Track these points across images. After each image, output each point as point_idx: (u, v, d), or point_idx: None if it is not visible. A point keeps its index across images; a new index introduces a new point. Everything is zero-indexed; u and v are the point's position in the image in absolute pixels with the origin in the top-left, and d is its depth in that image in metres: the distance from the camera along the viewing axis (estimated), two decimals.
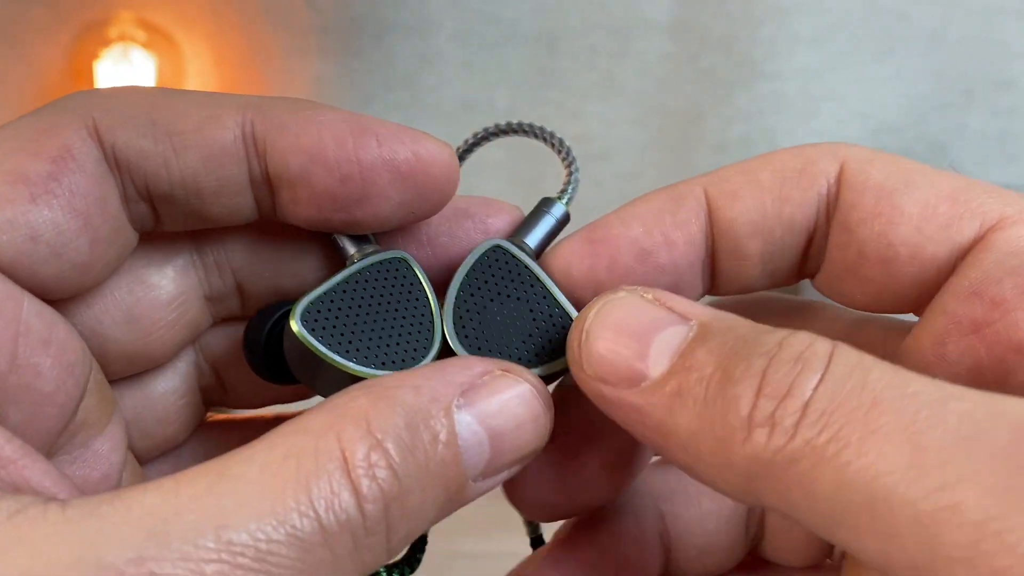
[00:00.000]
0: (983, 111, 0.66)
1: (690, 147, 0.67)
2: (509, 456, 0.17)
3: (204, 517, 0.14)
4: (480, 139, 0.23)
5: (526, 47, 0.66)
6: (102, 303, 0.19)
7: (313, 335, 0.18)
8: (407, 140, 0.19)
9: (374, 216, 0.19)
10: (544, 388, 0.18)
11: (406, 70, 0.65)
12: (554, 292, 0.20)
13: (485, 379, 0.17)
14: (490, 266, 0.20)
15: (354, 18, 0.65)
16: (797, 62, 0.65)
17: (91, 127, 0.18)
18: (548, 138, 0.22)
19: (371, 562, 0.15)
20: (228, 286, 0.21)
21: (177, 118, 0.18)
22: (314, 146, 0.18)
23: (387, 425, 0.15)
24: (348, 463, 0.15)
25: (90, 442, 0.19)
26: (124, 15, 0.63)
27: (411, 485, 0.15)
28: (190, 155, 0.18)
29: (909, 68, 0.65)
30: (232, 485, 0.14)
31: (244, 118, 0.18)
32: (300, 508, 0.14)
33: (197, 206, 0.19)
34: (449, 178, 0.19)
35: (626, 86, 0.66)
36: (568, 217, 0.22)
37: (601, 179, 0.67)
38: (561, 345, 0.19)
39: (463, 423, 0.16)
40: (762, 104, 0.66)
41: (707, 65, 0.66)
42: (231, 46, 0.65)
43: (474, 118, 0.65)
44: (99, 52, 0.62)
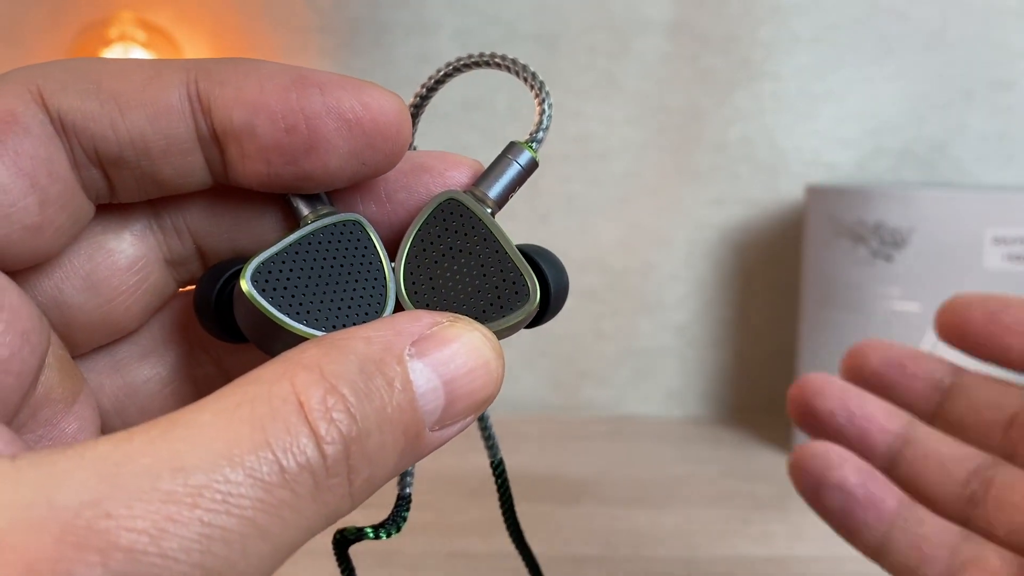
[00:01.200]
0: (983, 111, 0.66)
1: (690, 147, 0.67)
2: (464, 403, 0.17)
3: (158, 460, 0.14)
4: (445, 75, 0.22)
5: (526, 47, 0.66)
6: (61, 271, 0.19)
7: (263, 295, 0.18)
8: (352, 89, 0.19)
9: (324, 168, 0.19)
10: (493, 337, 0.18)
11: (406, 70, 0.65)
12: (507, 248, 0.20)
13: (435, 329, 0.17)
14: (444, 220, 0.20)
15: (354, 18, 0.65)
16: (797, 62, 0.65)
17: (35, 93, 0.18)
18: (520, 71, 0.21)
19: (334, 504, 0.15)
20: (188, 249, 0.21)
21: (121, 80, 0.18)
22: (256, 98, 0.18)
23: (341, 371, 0.15)
24: (304, 407, 0.15)
25: (56, 420, 0.19)
26: (124, 15, 0.63)
27: (369, 427, 0.15)
28: (135, 114, 0.18)
29: (909, 68, 0.65)
30: (185, 431, 0.14)
31: (188, 76, 0.18)
32: (258, 450, 0.14)
33: (148, 168, 0.18)
34: (399, 126, 0.19)
35: (626, 86, 0.66)
36: (535, 164, 0.21)
37: (601, 179, 0.67)
38: (511, 301, 0.19)
39: (416, 370, 0.16)
40: (762, 104, 0.66)
41: (707, 65, 0.66)
42: (231, 46, 0.65)
43: (474, 118, 0.65)
44: (99, 52, 0.62)
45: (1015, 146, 0.66)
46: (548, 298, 0.20)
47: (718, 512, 0.50)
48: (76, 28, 0.64)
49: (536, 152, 0.21)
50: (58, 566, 0.13)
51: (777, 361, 0.69)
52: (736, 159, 0.67)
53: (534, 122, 0.21)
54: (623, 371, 0.69)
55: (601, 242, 0.68)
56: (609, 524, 0.48)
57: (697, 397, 0.70)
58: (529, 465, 0.57)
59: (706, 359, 0.69)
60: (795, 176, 0.66)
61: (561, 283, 0.20)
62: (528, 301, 0.19)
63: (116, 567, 0.13)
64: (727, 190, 0.67)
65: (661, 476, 0.56)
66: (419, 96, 0.22)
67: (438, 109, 0.66)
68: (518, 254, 0.20)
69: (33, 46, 0.65)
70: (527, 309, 0.19)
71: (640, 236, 0.68)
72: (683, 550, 0.45)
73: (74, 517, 0.13)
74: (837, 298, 0.57)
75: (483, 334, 0.18)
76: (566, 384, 0.69)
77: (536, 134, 0.21)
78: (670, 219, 0.68)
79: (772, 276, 0.68)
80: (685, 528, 0.48)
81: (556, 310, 0.21)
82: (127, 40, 0.62)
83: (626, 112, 0.66)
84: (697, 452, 0.61)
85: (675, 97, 0.66)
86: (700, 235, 0.68)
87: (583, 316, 0.68)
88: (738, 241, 0.68)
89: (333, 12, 0.65)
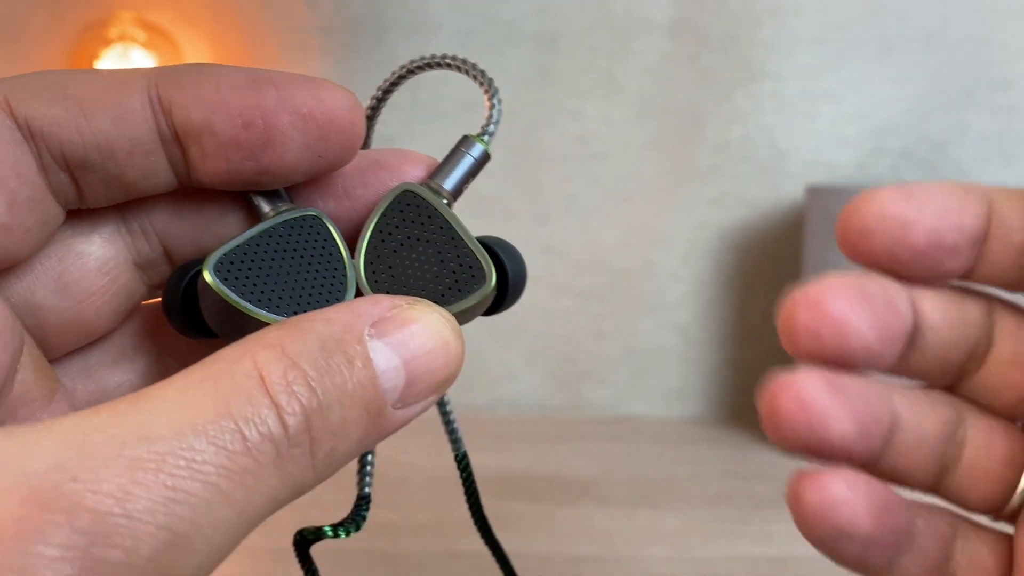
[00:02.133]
0: (983, 111, 0.66)
1: (690, 147, 0.67)
2: (425, 382, 0.18)
3: (125, 429, 0.14)
4: (399, 77, 0.23)
5: (526, 47, 0.66)
6: (33, 274, 0.20)
7: (226, 284, 0.19)
8: (305, 86, 0.19)
9: (281, 161, 0.19)
10: (452, 318, 0.18)
11: None
12: (463, 235, 0.20)
13: (394, 311, 0.17)
14: (401, 211, 0.21)
15: (354, 18, 0.65)
16: (797, 62, 0.65)
17: (2, 102, 0.18)
18: (469, 70, 0.22)
19: (297, 475, 0.16)
20: (156, 252, 0.21)
21: (85, 87, 0.19)
22: (214, 97, 0.19)
23: (302, 349, 0.16)
24: (265, 381, 0.15)
25: (33, 419, 0.19)
26: (124, 15, 0.63)
27: (330, 402, 0.16)
28: (99, 118, 0.19)
29: (909, 68, 0.65)
30: (151, 404, 0.15)
31: (149, 81, 0.19)
32: (220, 420, 0.14)
33: (114, 171, 0.19)
34: (351, 120, 0.20)
35: (626, 86, 0.66)
36: (487, 156, 0.22)
37: (601, 179, 0.67)
38: (468, 285, 0.20)
39: (376, 349, 0.17)
40: (762, 104, 0.66)
41: (707, 65, 0.66)
42: (231, 46, 0.65)
43: (474, 118, 0.65)
44: (99, 52, 0.62)
45: (1015, 146, 0.66)
46: (506, 283, 0.21)
47: (718, 512, 0.50)
48: (76, 28, 0.64)
49: (488, 144, 0.22)
50: (25, 526, 0.13)
51: (777, 361, 0.69)
52: (736, 159, 0.67)
53: (484, 116, 0.22)
54: (623, 371, 0.69)
55: (601, 242, 0.68)
56: (609, 524, 0.48)
57: (697, 397, 0.70)
58: (529, 465, 0.57)
59: (706, 359, 0.69)
60: (795, 176, 0.66)
61: (517, 269, 0.21)
62: (484, 284, 0.20)
63: (82, 526, 0.13)
64: (727, 190, 0.67)
65: (661, 476, 0.56)
66: (375, 99, 0.23)
67: (439, 108, 0.66)
68: (475, 241, 0.20)
69: (33, 46, 0.65)
70: (484, 292, 0.20)
71: (640, 236, 0.68)
72: (683, 550, 0.45)
73: (41, 481, 0.13)
74: None
75: (441, 315, 0.18)
76: (566, 384, 0.69)
77: (487, 127, 0.22)
78: (670, 219, 0.68)
79: (772, 276, 0.68)
80: (685, 528, 0.48)
81: (515, 296, 0.21)
82: (127, 40, 0.62)
83: (626, 112, 0.66)
84: (697, 452, 0.61)
85: (675, 97, 0.66)
86: (700, 235, 0.68)
87: (583, 316, 0.68)
88: (738, 241, 0.68)
89: (333, 12, 0.65)
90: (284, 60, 0.65)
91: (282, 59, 0.65)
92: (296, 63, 0.66)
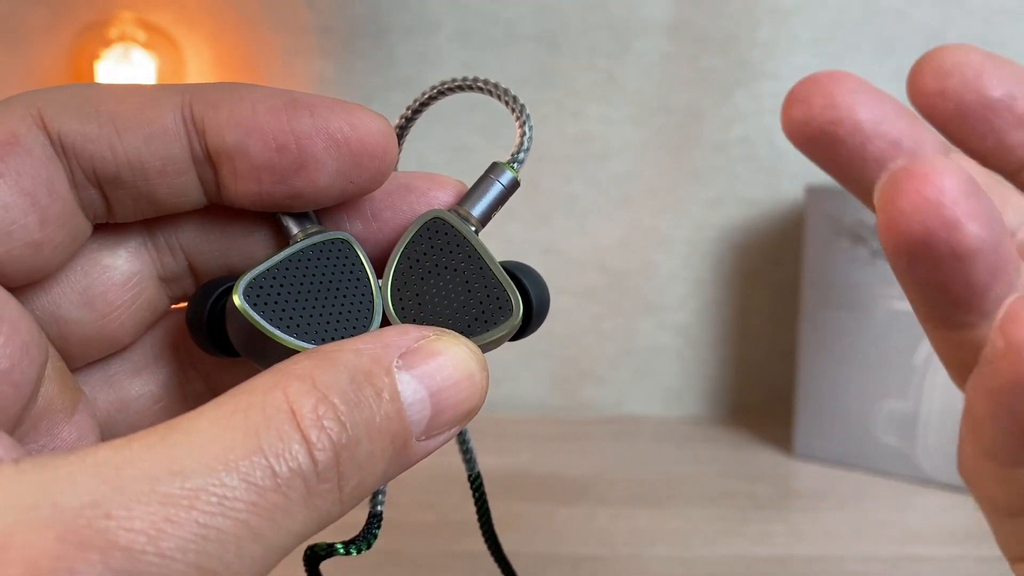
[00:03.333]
0: None
1: (690, 147, 0.67)
2: (449, 413, 0.18)
3: (157, 464, 0.14)
4: (429, 98, 0.23)
5: (526, 47, 0.66)
6: (58, 287, 0.20)
7: (255, 309, 0.19)
8: (340, 111, 0.19)
9: (313, 186, 0.19)
10: (478, 350, 0.18)
11: (406, 70, 0.66)
12: (490, 264, 0.20)
13: (421, 342, 0.18)
14: (429, 238, 0.21)
15: (354, 18, 0.65)
16: (797, 62, 0.66)
17: (36, 116, 0.18)
18: (501, 95, 0.22)
19: (325, 509, 0.16)
20: (181, 267, 0.21)
21: (119, 104, 0.19)
22: (248, 120, 0.19)
23: (332, 381, 0.16)
24: (296, 415, 0.15)
25: (56, 430, 0.19)
26: (124, 15, 0.63)
27: (359, 435, 0.16)
28: (132, 136, 0.19)
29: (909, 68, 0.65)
30: (183, 437, 0.15)
31: (183, 100, 0.19)
32: (252, 455, 0.15)
33: (144, 188, 0.19)
34: (385, 146, 0.20)
35: (626, 86, 0.66)
36: (517, 183, 0.22)
37: (601, 179, 0.67)
38: (495, 316, 0.20)
39: (403, 381, 0.17)
40: (762, 104, 0.66)
41: (707, 65, 0.66)
42: (231, 46, 0.65)
43: (474, 118, 0.66)
44: (100, 52, 0.62)
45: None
46: (530, 313, 0.21)
47: (718, 512, 0.50)
48: (76, 28, 0.64)
49: (517, 172, 0.22)
50: (60, 564, 0.13)
51: (777, 361, 0.69)
52: (736, 159, 0.67)
53: (515, 143, 0.22)
54: (623, 371, 0.69)
55: (601, 242, 0.68)
56: (609, 524, 0.48)
57: (697, 397, 0.70)
58: (529, 465, 0.57)
59: (706, 359, 0.69)
60: (795, 176, 0.66)
61: (543, 298, 0.21)
62: (511, 316, 0.20)
63: (115, 565, 0.13)
64: (727, 190, 0.67)
65: (661, 476, 0.56)
66: (404, 118, 0.23)
67: (441, 109, 0.66)
68: (501, 271, 0.20)
69: (33, 46, 0.65)
70: (511, 323, 0.20)
71: (640, 236, 0.68)
72: (683, 550, 0.45)
73: (76, 517, 0.13)
74: (837, 298, 0.57)
75: (468, 347, 0.18)
76: (566, 384, 0.69)
77: (517, 155, 0.22)
78: (670, 219, 0.68)
79: (772, 276, 0.68)
80: (685, 528, 0.48)
81: (537, 324, 0.21)
82: (127, 40, 0.62)
83: (626, 112, 0.66)
84: (697, 452, 0.61)
85: (675, 97, 0.66)
86: (700, 235, 0.68)
87: (583, 316, 0.68)
88: (738, 241, 0.68)
89: (333, 12, 0.65)
90: (284, 60, 0.66)
91: (282, 59, 0.65)
92: (296, 63, 0.66)
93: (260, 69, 0.66)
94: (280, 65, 0.66)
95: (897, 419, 0.55)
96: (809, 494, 0.54)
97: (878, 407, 0.56)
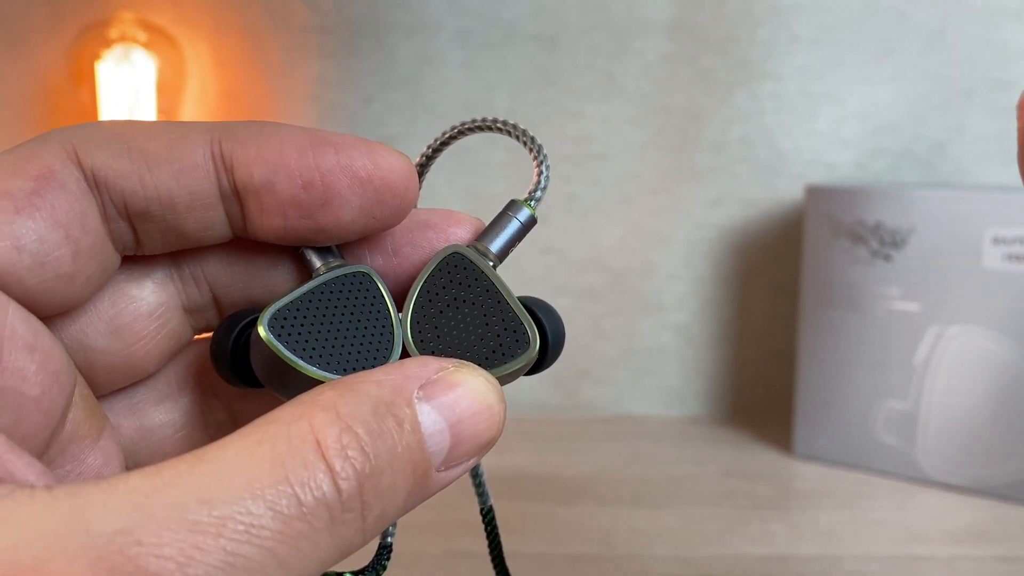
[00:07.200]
0: (982, 111, 0.66)
1: (690, 147, 0.67)
2: (468, 444, 0.18)
3: (186, 492, 0.14)
4: (449, 138, 0.23)
5: (526, 47, 0.66)
6: (86, 316, 0.20)
7: (279, 340, 0.19)
8: (364, 149, 0.20)
9: (337, 221, 0.20)
10: (496, 381, 0.19)
11: (406, 70, 0.66)
12: (508, 299, 0.21)
13: (441, 374, 0.18)
14: (448, 272, 0.21)
15: (354, 18, 0.65)
16: (796, 62, 0.66)
17: (71, 152, 0.19)
18: (520, 135, 0.23)
19: (348, 538, 0.16)
20: (205, 298, 0.22)
21: (150, 140, 0.19)
22: (276, 157, 0.19)
23: (355, 412, 0.16)
24: (321, 445, 0.16)
25: (82, 455, 0.20)
26: (124, 16, 0.63)
27: (382, 466, 0.16)
28: (163, 172, 0.19)
29: (908, 68, 0.65)
30: (210, 466, 0.15)
31: (212, 137, 0.20)
32: (278, 484, 0.15)
33: (173, 222, 0.20)
34: (407, 184, 0.20)
35: (626, 86, 0.66)
36: (534, 220, 0.22)
37: (601, 179, 0.67)
38: (512, 350, 0.20)
39: (424, 412, 0.17)
40: (761, 104, 0.66)
41: (706, 65, 0.66)
42: (231, 46, 0.65)
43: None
44: (100, 53, 0.62)
45: (1015, 146, 0.66)
46: (546, 346, 0.21)
47: (718, 512, 0.50)
48: (76, 28, 0.64)
49: (535, 210, 0.22)
50: None
51: (777, 361, 0.69)
52: (736, 159, 0.67)
53: (532, 182, 0.23)
54: (623, 371, 0.69)
55: (601, 242, 0.68)
56: (609, 524, 0.48)
57: (697, 397, 0.70)
58: (529, 465, 0.57)
59: (706, 359, 0.69)
60: (794, 176, 0.67)
61: (558, 333, 0.22)
62: (528, 349, 0.21)
63: None
64: (727, 190, 0.67)
65: (661, 476, 0.56)
66: (424, 157, 0.24)
67: (439, 109, 0.66)
68: (519, 305, 0.21)
69: (33, 46, 0.65)
70: (527, 356, 0.20)
71: (640, 236, 0.68)
72: (683, 550, 0.45)
73: (107, 544, 0.14)
74: (837, 298, 0.57)
75: (487, 379, 0.19)
76: (566, 384, 0.69)
77: (535, 193, 0.23)
78: (670, 219, 0.68)
79: (772, 276, 0.68)
80: (685, 528, 0.48)
81: (553, 358, 0.22)
82: (127, 41, 0.62)
83: (626, 112, 0.66)
84: (697, 452, 0.61)
85: (675, 97, 0.66)
86: (700, 235, 0.68)
87: (583, 316, 0.68)
88: (738, 241, 0.68)
89: (333, 12, 0.65)
90: (284, 60, 0.66)
91: (282, 59, 0.66)
92: (296, 63, 0.66)
93: (260, 69, 0.66)
94: (280, 65, 0.66)
95: (897, 419, 0.55)
96: (809, 494, 0.54)
97: (878, 407, 0.56)
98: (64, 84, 0.65)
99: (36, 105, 0.66)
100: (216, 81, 0.66)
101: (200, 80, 0.66)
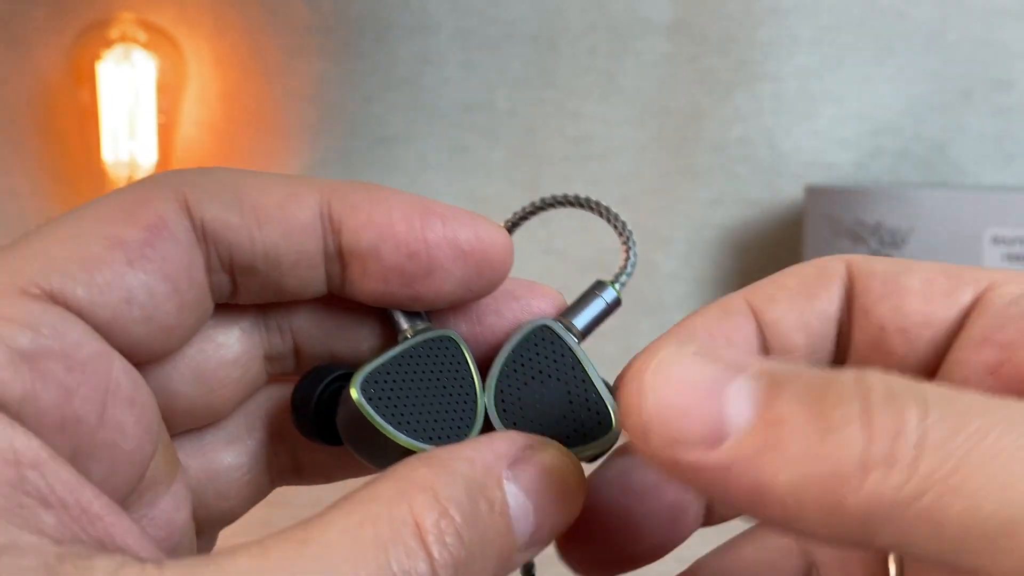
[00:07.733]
0: (982, 111, 0.66)
1: (690, 147, 0.67)
2: (548, 527, 0.18)
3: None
4: (529, 212, 0.24)
5: (526, 47, 0.66)
6: (172, 362, 0.20)
7: (371, 404, 0.19)
8: (468, 222, 0.20)
9: (436, 292, 0.20)
10: (578, 463, 0.19)
11: (406, 70, 0.66)
12: (592, 377, 0.21)
13: (527, 452, 0.18)
14: (535, 344, 0.21)
15: (354, 18, 0.65)
16: (796, 62, 0.66)
17: (182, 200, 0.19)
18: (610, 218, 0.23)
19: None
20: (287, 347, 0.22)
21: (261, 195, 0.19)
22: (385, 224, 0.20)
23: (451, 494, 0.16)
24: (421, 529, 0.16)
25: (157, 500, 0.19)
26: (125, 16, 0.63)
27: (474, 552, 0.16)
28: (272, 229, 0.19)
29: (908, 68, 0.65)
30: (315, 549, 0.15)
31: (322, 197, 0.20)
32: (381, 572, 0.15)
33: (275, 277, 0.20)
34: (504, 259, 0.21)
35: (626, 86, 0.66)
36: (619, 302, 0.23)
37: (600, 179, 0.67)
38: (593, 430, 0.20)
39: (511, 493, 0.17)
40: (761, 104, 0.66)
41: (706, 65, 0.66)
42: (231, 46, 0.66)
43: (474, 118, 0.66)
44: (100, 53, 0.62)
45: (1014, 146, 0.66)
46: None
47: None
48: (76, 28, 0.64)
49: (620, 291, 0.23)
50: None
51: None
52: (735, 159, 0.67)
53: (619, 265, 0.24)
54: None
55: (601, 242, 0.68)
56: None
57: None
58: None
59: None
60: (794, 176, 0.67)
61: None
62: (610, 432, 0.20)
63: None
64: (727, 190, 0.67)
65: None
66: (510, 223, 0.24)
67: (439, 109, 0.66)
68: (603, 385, 0.21)
69: (33, 46, 0.65)
70: (609, 439, 0.20)
71: (640, 236, 0.68)
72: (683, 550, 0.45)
73: None
74: None
75: (571, 461, 0.19)
76: None
77: (620, 276, 0.24)
78: (670, 219, 0.68)
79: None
80: None
81: None
82: (128, 41, 0.62)
83: (626, 112, 0.66)
84: None
85: (675, 97, 0.66)
86: (700, 235, 0.68)
87: None
88: (738, 241, 0.68)
89: (333, 12, 0.65)
90: (284, 60, 0.66)
91: (282, 59, 0.66)
92: (296, 63, 0.66)
93: (260, 69, 0.66)
94: (280, 65, 0.66)
95: None
96: None
97: None
98: (64, 84, 0.65)
99: (36, 105, 0.65)
100: (216, 81, 0.66)
101: (200, 80, 0.66)
